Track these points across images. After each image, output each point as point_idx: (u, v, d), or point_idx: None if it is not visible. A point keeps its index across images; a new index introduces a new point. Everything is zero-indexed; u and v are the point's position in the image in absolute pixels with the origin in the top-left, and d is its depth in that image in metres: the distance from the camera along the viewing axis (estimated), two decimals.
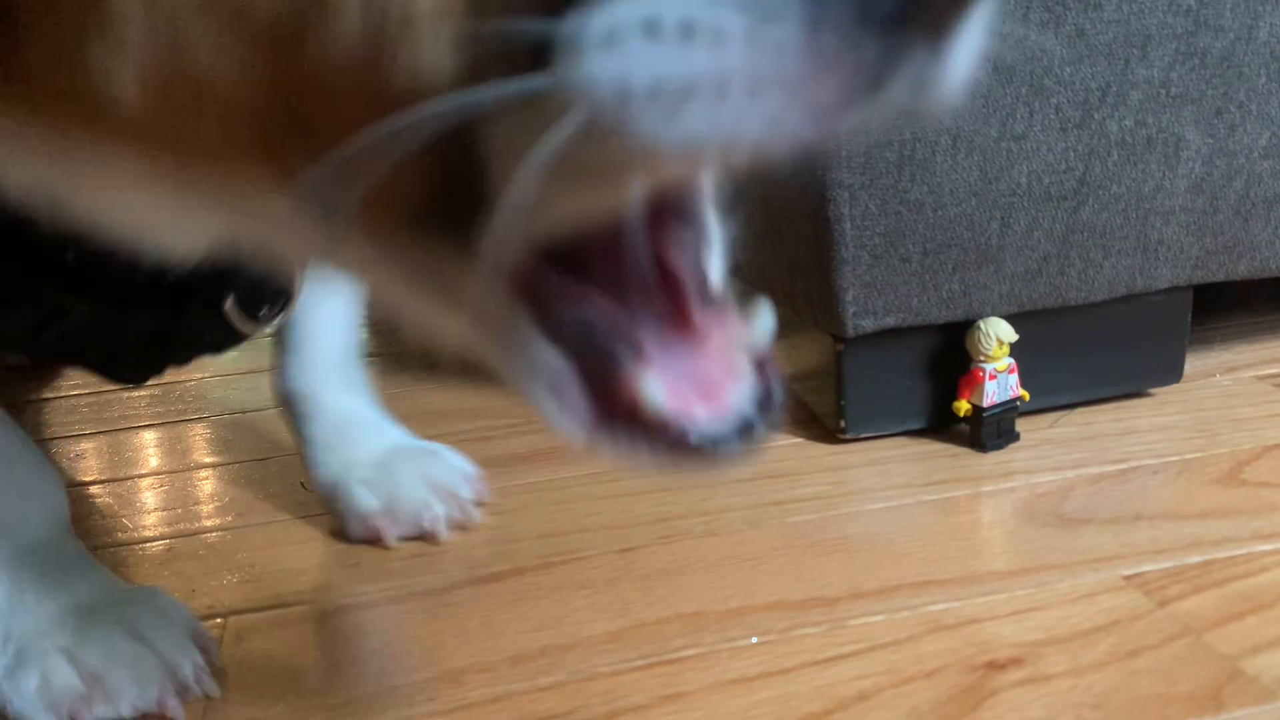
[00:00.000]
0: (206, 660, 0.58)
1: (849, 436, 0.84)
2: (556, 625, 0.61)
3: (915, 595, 0.62)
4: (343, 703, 0.56)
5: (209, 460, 0.93)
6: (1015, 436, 0.82)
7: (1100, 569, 0.63)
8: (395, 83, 0.28)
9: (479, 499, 0.76)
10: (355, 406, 0.76)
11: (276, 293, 0.57)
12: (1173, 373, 0.89)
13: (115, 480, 0.90)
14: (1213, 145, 0.80)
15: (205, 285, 0.53)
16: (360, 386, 0.77)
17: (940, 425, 0.84)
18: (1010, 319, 0.81)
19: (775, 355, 0.35)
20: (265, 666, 0.60)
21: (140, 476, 0.91)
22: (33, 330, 0.53)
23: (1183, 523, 0.68)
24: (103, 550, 0.75)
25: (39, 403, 1.13)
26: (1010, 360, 0.81)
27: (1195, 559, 0.64)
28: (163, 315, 0.54)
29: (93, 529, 0.80)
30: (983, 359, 0.80)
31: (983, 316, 0.81)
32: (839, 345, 0.82)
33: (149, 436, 1.02)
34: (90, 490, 0.88)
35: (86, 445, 1.00)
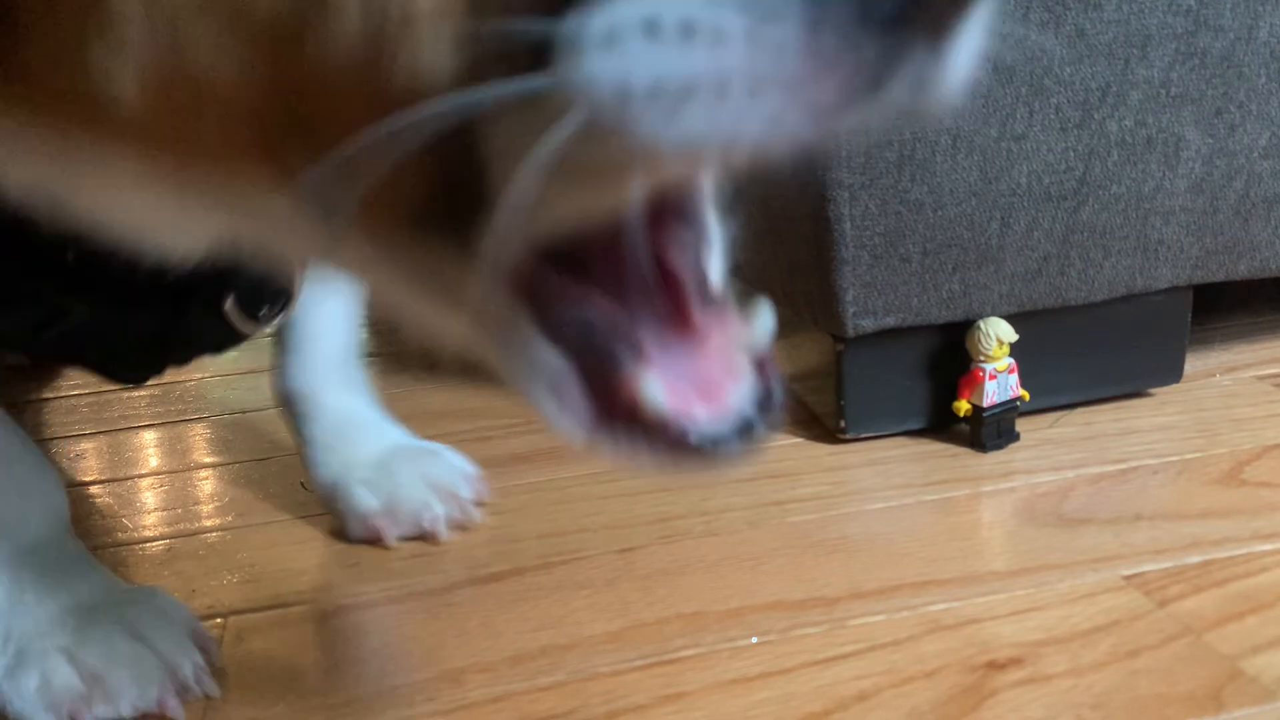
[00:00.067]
0: (206, 660, 0.58)
1: (849, 436, 0.84)
2: (556, 625, 0.61)
3: (915, 595, 0.62)
4: (343, 703, 0.56)
5: (209, 460, 0.93)
6: (1015, 436, 0.82)
7: (1100, 569, 0.63)
8: (395, 83, 0.28)
9: (479, 499, 0.76)
10: (355, 406, 0.76)
11: (276, 293, 0.57)
12: (1173, 373, 0.89)
13: (115, 480, 0.90)
14: (1213, 145, 0.80)
15: (205, 285, 0.53)
16: (360, 386, 0.77)
17: (940, 425, 0.84)
18: (1010, 319, 0.81)
19: (775, 355, 0.35)
20: (265, 666, 0.60)
21: (140, 476, 0.91)
22: (33, 330, 0.53)
23: (1183, 523, 0.68)
24: (103, 550, 0.75)
25: (39, 403, 1.13)
26: (1010, 360, 0.81)
27: (1195, 559, 0.64)
28: (163, 315, 0.54)
29: (93, 529, 0.80)
30: (983, 359, 0.80)
31: (983, 316, 0.81)
32: (839, 345, 0.82)
33: (149, 436, 1.02)
34: (90, 490, 0.88)
35: (86, 445, 1.00)
